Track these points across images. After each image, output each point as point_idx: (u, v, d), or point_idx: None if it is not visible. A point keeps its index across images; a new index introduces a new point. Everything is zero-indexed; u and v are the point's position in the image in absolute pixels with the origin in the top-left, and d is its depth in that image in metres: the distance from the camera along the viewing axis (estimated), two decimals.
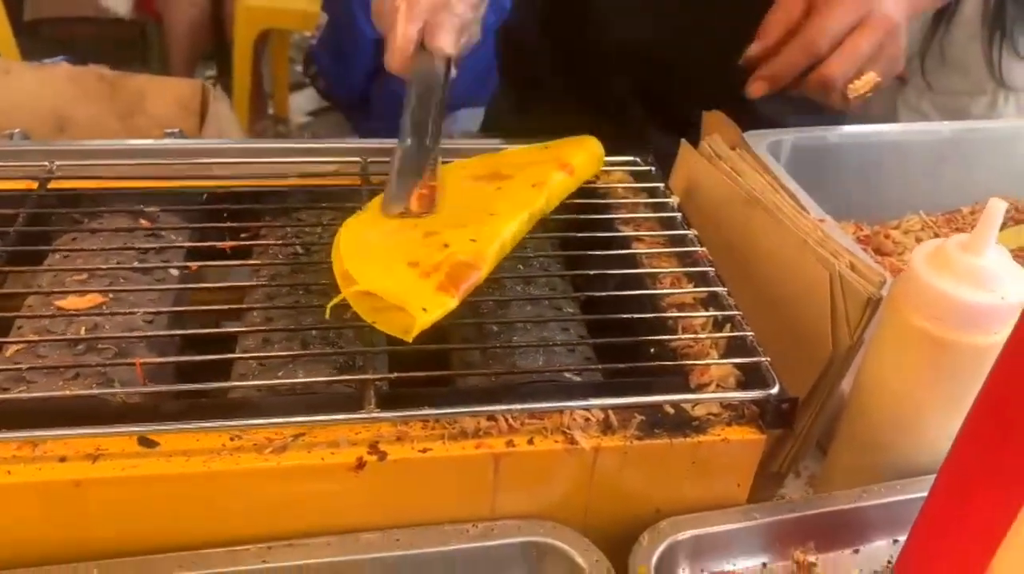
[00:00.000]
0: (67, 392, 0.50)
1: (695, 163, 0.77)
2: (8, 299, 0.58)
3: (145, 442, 0.47)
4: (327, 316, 0.51)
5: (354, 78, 2.23)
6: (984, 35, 1.42)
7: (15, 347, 0.53)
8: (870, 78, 0.72)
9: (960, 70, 1.49)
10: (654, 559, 0.50)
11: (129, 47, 2.56)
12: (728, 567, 0.53)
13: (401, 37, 0.64)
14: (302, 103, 2.95)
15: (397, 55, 0.64)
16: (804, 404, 0.63)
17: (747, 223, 0.70)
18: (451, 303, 0.50)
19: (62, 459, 0.46)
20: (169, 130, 0.84)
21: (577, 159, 0.67)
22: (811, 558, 0.53)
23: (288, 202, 0.67)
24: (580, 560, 0.49)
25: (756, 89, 0.75)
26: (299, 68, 2.88)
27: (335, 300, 0.51)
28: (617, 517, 0.52)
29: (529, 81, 1.08)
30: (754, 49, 0.73)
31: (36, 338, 0.54)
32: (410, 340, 0.49)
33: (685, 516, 0.52)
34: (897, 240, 0.85)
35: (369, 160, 0.69)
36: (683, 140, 0.77)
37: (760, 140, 0.81)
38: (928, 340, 0.54)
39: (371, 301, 0.50)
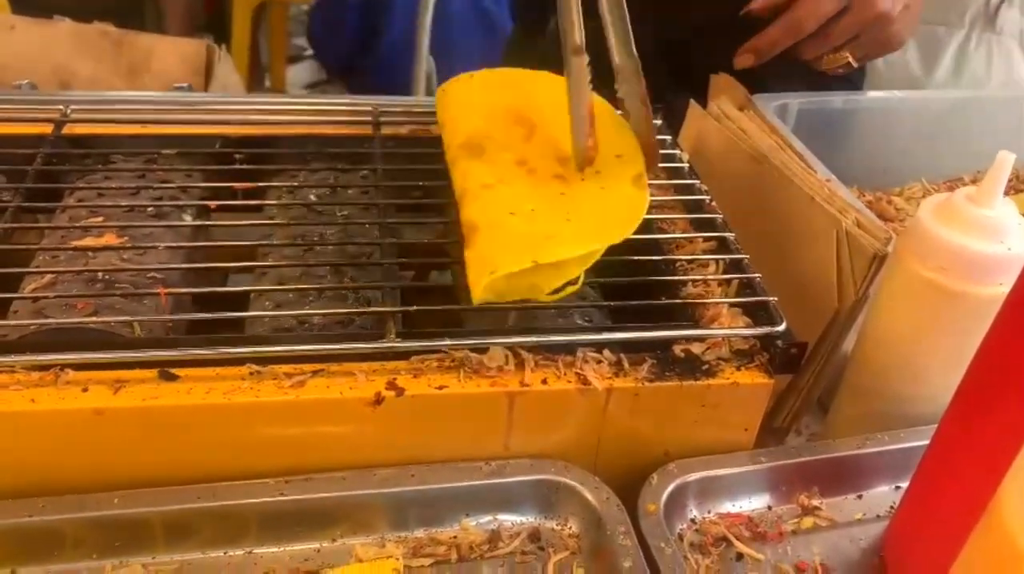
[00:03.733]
0: (90, 319, 0.51)
1: (703, 123, 0.77)
2: (26, 237, 0.59)
3: (166, 375, 0.48)
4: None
5: (340, 46, 2.22)
6: None
7: (34, 284, 0.54)
8: (842, 56, 0.76)
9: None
10: (663, 499, 0.51)
11: (124, 15, 2.53)
12: (734, 509, 0.54)
13: None
14: (299, 76, 2.93)
15: None
16: (809, 358, 0.64)
17: (755, 180, 0.70)
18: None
19: (84, 389, 0.47)
20: (178, 84, 0.84)
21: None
22: (815, 502, 0.55)
23: (301, 149, 0.67)
24: (591, 497, 0.50)
25: (742, 61, 0.77)
26: (296, 41, 2.87)
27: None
28: (627, 459, 0.53)
29: (541, 26, 1.05)
30: (757, 4, 0.74)
31: (56, 271, 0.54)
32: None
33: (693, 458, 0.53)
34: (899, 206, 0.86)
35: (380, 111, 0.70)
36: (691, 100, 0.78)
37: (766, 103, 0.81)
38: (934, 290, 0.55)
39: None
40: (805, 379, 0.65)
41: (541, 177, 0.57)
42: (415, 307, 0.52)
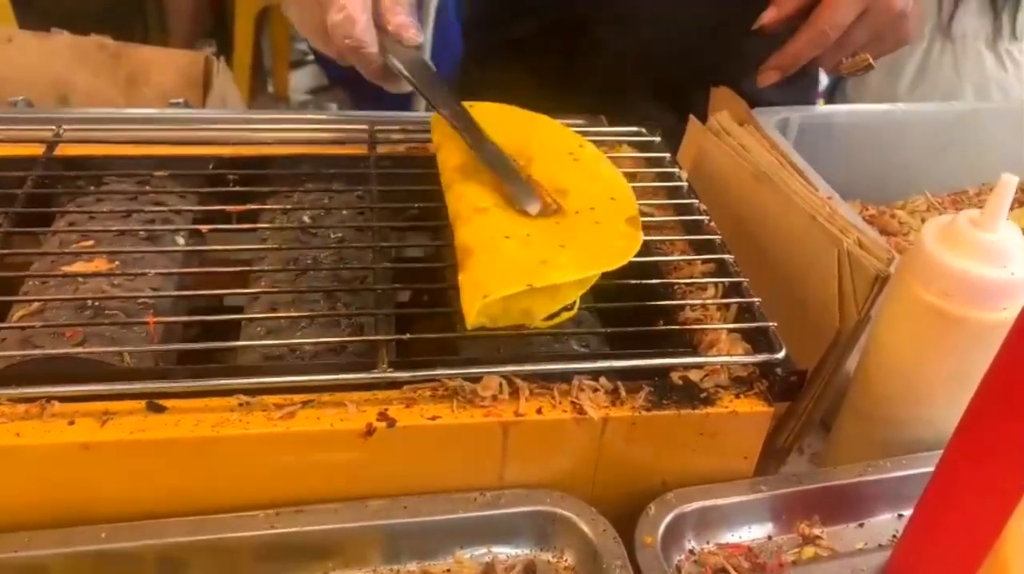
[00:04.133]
0: (78, 350, 0.50)
1: (703, 139, 0.76)
2: (15, 263, 0.58)
3: (154, 407, 0.47)
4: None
5: None
6: None
7: (22, 311, 0.53)
8: (862, 59, 0.75)
9: None
10: (660, 530, 0.50)
11: (128, 21, 2.53)
12: (733, 539, 0.53)
13: (367, 57, 0.60)
14: (302, 81, 2.93)
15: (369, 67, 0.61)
16: (810, 380, 0.63)
17: (755, 199, 0.69)
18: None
19: (71, 422, 0.46)
20: (174, 100, 0.83)
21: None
22: (816, 531, 0.54)
23: (295, 169, 0.67)
24: (587, 530, 0.49)
25: (766, 78, 0.77)
26: (299, 45, 2.87)
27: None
28: (625, 487, 0.52)
29: (506, 44, 1.02)
30: (768, 17, 0.73)
31: (45, 299, 0.53)
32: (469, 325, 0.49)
33: (691, 488, 0.52)
34: (903, 220, 0.85)
35: (376, 128, 0.69)
36: (691, 116, 0.77)
37: (768, 118, 0.81)
38: (936, 315, 0.54)
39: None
40: (807, 400, 0.64)
41: None
42: (408, 335, 0.51)
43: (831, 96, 1.87)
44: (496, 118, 0.65)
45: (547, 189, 0.57)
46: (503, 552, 0.50)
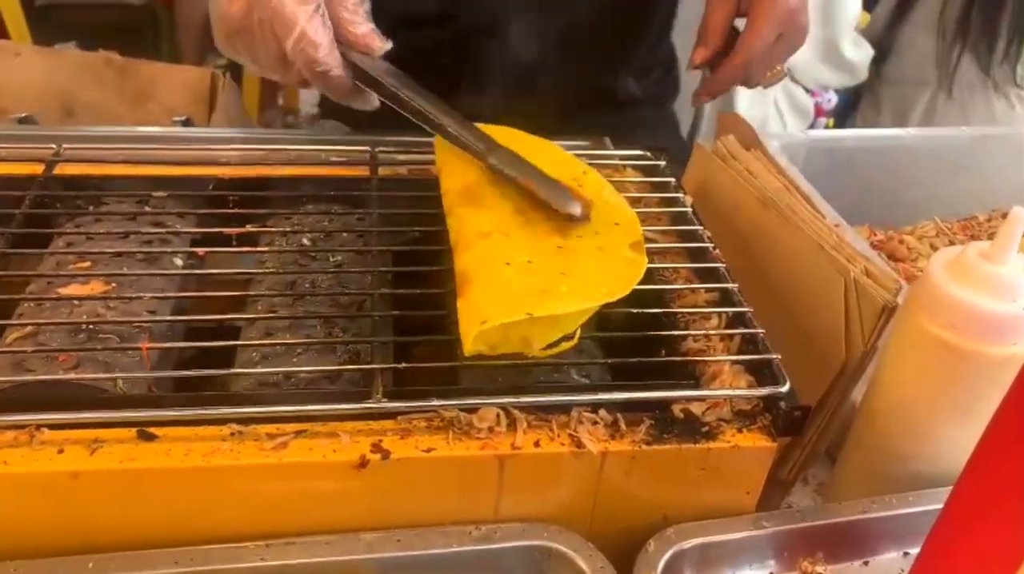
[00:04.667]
0: (71, 375, 0.49)
1: (709, 163, 0.76)
2: (10, 284, 0.57)
3: (144, 435, 0.46)
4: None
5: None
6: (940, 31, 1.47)
7: (15, 334, 0.53)
8: (778, 72, 0.79)
9: (907, 59, 1.53)
10: (660, 567, 0.49)
11: (140, 33, 2.55)
12: None
13: (334, 81, 0.58)
14: (312, 94, 2.93)
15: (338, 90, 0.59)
16: (815, 411, 0.62)
17: (761, 225, 0.69)
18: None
19: (60, 450, 0.45)
20: (176, 118, 0.83)
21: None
22: (819, 569, 0.52)
23: (295, 191, 0.66)
24: (584, 566, 0.48)
25: (697, 102, 0.81)
26: None
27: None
28: (624, 522, 0.51)
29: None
30: (699, 57, 0.75)
31: (39, 322, 0.53)
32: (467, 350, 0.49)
33: (692, 523, 0.51)
34: (911, 246, 0.84)
35: (378, 150, 0.68)
36: (697, 142, 0.76)
37: (775, 142, 0.80)
38: (944, 349, 0.53)
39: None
40: (811, 432, 0.63)
41: (539, 229, 0.56)
42: (403, 364, 0.50)
43: (840, 123, 1.89)
44: (501, 140, 0.65)
45: (576, 189, 0.57)
46: None
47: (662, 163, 0.71)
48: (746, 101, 1.74)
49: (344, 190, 0.65)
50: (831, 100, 1.94)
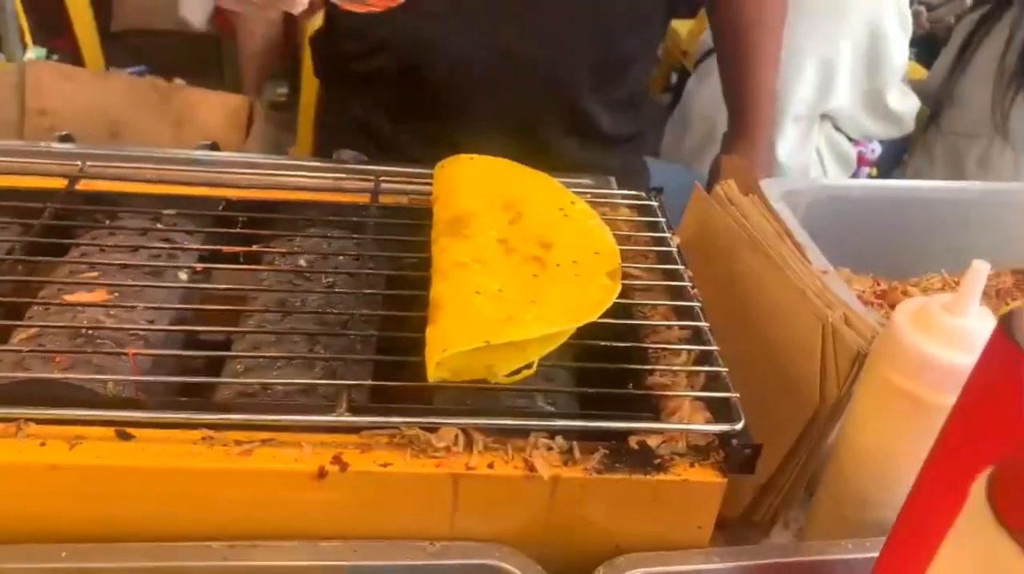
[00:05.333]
0: (62, 376, 0.53)
1: (707, 206, 0.77)
2: (25, 289, 0.61)
3: (122, 435, 0.49)
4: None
5: None
6: (997, 82, 1.46)
7: (22, 335, 0.56)
8: None
9: (965, 111, 1.52)
10: None
11: (205, 59, 2.66)
12: None
13: None
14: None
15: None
16: (790, 454, 0.63)
17: (750, 268, 0.70)
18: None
19: (42, 443, 0.48)
20: (202, 142, 0.88)
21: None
22: None
23: (300, 214, 0.70)
24: None
25: None
26: None
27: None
28: (576, 549, 0.53)
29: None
30: None
31: (42, 325, 0.57)
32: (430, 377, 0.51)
33: (641, 554, 0.52)
34: (913, 297, 0.84)
35: (382, 179, 0.72)
36: (696, 183, 0.78)
37: (777, 189, 0.81)
38: (906, 399, 0.53)
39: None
40: (787, 475, 0.63)
41: (518, 258, 0.58)
42: (371, 382, 0.53)
43: (886, 173, 1.88)
44: (493, 172, 0.68)
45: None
46: None
47: (656, 204, 0.73)
48: (787, 148, 1.73)
49: (344, 215, 0.68)
50: (875, 150, 1.92)
